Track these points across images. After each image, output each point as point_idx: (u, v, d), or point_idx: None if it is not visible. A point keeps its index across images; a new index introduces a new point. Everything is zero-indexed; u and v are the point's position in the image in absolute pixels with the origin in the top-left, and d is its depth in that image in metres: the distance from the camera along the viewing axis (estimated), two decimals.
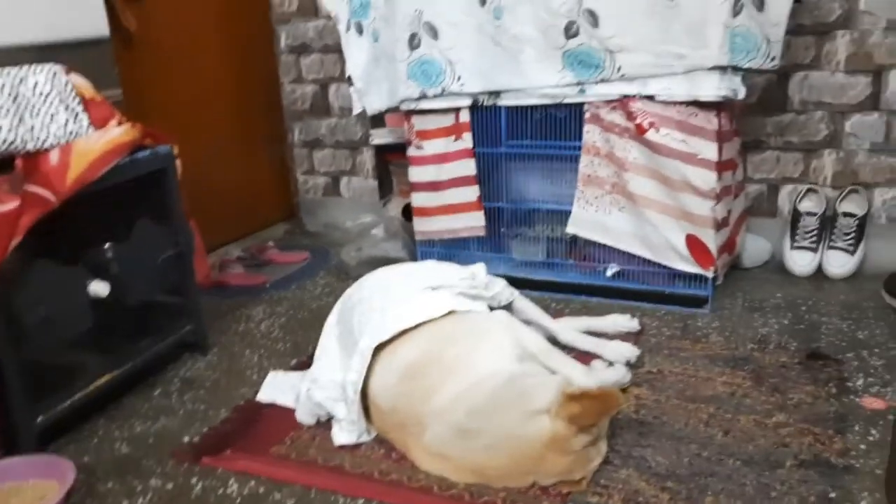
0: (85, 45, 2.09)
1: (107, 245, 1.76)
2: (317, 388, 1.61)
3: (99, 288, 1.67)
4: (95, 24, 2.13)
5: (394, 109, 2.35)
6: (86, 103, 1.77)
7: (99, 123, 1.76)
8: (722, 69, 1.84)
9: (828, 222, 2.33)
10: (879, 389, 1.66)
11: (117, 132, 1.72)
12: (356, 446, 1.54)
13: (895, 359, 1.79)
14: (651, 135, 1.96)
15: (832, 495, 1.31)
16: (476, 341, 1.52)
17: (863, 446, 1.46)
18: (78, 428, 1.68)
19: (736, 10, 1.80)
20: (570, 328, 1.89)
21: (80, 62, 1.91)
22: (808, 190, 2.36)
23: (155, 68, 2.55)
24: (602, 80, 1.99)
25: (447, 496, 1.37)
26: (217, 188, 2.78)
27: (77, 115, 1.73)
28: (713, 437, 1.51)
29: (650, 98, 1.95)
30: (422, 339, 1.51)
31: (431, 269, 1.78)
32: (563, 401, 1.34)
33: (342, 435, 1.55)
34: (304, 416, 1.63)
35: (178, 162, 1.88)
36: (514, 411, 1.37)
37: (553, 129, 2.16)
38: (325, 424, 1.62)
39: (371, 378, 1.51)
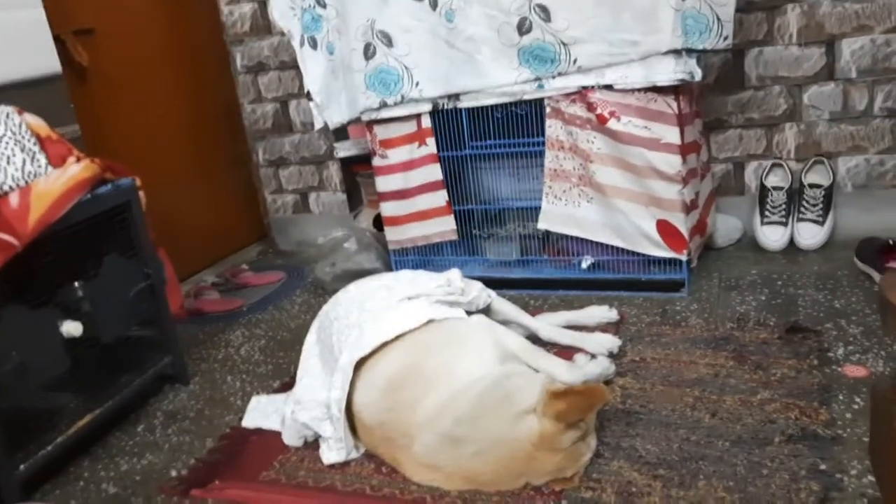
0: (37, 83, 2.06)
1: (76, 284, 1.73)
2: (301, 410, 1.60)
3: (71, 328, 1.64)
4: (46, 61, 2.10)
5: (355, 121, 2.34)
6: (42, 142, 1.74)
7: (57, 162, 1.73)
8: (676, 53, 1.85)
9: (795, 195, 2.35)
10: (860, 357, 1.68)
11: (76, 169, 1.69)
12: (346, 464, 1.52)
13: (873, 325, 1.81)
14: (613, 124, 1.97)
15: (822, 467, 1.32)
16: (456, 348, 1.51)
17: (848, 415, 1.47)
18: (63, 472, 1.65)
19: None
20: (550, 324, 1.89)
21: (33, 101, 1.88)
22: (774, 165, 2.38)
23: (111, 100, 2.52)
24: (559, 74, 2.00)
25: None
26: (185, 216, 2.75)
27: (34, 155, 1.71)
28: (700, 420, 1.51)
29: (608, 87, 1.96)
30: (402, 351, 1.50)
31: (406, 279, 1.77)
32: (548, 399, 1.34)
33: (331, 454, 1.53)
34: (291, 439, 1.61)
35: (141, 193, 1.85)
36: (501, 414, 1.37)
37: (515, 127, 2.16)
38: (312, 445, 1.60)
39: (354, 394, 1.50)
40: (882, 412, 0.67)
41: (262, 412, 1.75)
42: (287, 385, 1.86)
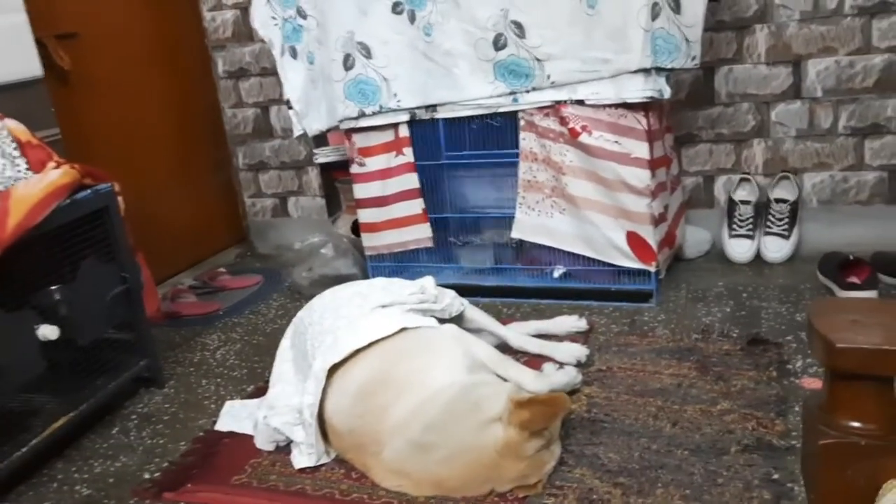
0: (18, 86, 2.07)
1: (53, 287, 1.75)
2: (274, 415, 1.63)
3: (48, 332, 1.66)
4: (28, 64, 2.11)
5: (334, 129, 2.37)
6: (22, 147, 1.76)
7: (37, 167, 1.76)
8: (646, 71, 1.91)
9: (762, 209, 2.42)
10: (818, 370, 1.73)
11: (56, 175, 1.71)
12: (316, 468, 1.56)
13: None
14: (584, 138, 2.02)
15: (775, 476, 1.37)
16: (427, 356, 1.55)
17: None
18: (37, 473, 1.67)
19: (654, 14, 1.86)
20: (521, 333, 1.94)
21: (14, 104, 1.89)
22: (742, 179, 2.45)
23: (93, 104, 2.54)
24: (533, 89, 2.05)
25: None
26: (164, 218, 2.77)
27: (14, 160, 1.73)
28: (662, 429, 1.56)
29: (580, 103, 2.01)
30: (374, 359, 1.54)
31: (380, 287, 1.81)
32: (513, 408, 1.38)
33: (302, 458, 1.56)
34: (263, 443, 1.65)
35: (119, 199, 1.87)
36: (468, 422, 1.41)
37: (491, 139, 2.21)
38: (284, 449, 1.63)
39: (326, 400, 1.54)
40: (810, 429, 0.72)
41: (235, 416, 1.78)
42: (261, 389, 1.88)
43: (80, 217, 1.76)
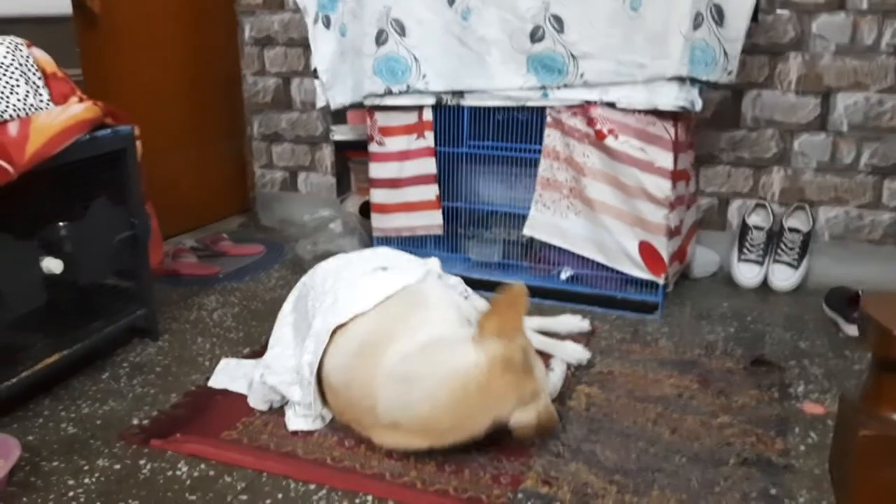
0: (47, 21, 2.05)
1: (62, 223, 1.72)
2: (270, 374, 1.60)
3: (52, 264, 1.63)
4: (59, 1, 2.09)
5: (357, 105, 2.35)
6: (47, 78, 1.74)
7: (59, 99, 1.74)
8: (681, 80, 1.90)
9: (774, 237, 2.41)
10: (819, 396, 1.73)
11: (78, 109, 1.69)
12: (309, 433, 1.53)
13: (834, 368, 1.86)
14: (610, 141, 2.02)
15: (773, 492, 1.36)
16: (423, 311, 1.54)
17: (802, 448, 1.51)
18: (22, 407, 1.64)
19: (696, 24, 1.86)
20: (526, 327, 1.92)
21: (41, 38, 1.87)
22: (757, 205, 2.45)
23: (116, 51, 2.51)
24: (565, 86, 2.04)
25: (399, 483, 1.38)
26: (172, 176, 2.74)
27: (38, 89, 1.71)
28: (660, 434, 1.55)
29: (611, 105, 2.00)
30: (374, 318, 1.52)
31: (385, 255, 1.80)
32: (481, 321, 1.40)
33: (297, 420, 1.54)
34: (257, 402, 1.62)
35: (139, 143, 1.85)
36: (443, 345, 1.42)
37: (514, 132, 2.20)
38: (277, 411, 1.61)
39: (325, 358, 1.51)
40: (848, 422, 0.70)
41: (229, 374, 1.75)
42: (257, 353, 1.86)
43: (98, 155, 1.74)
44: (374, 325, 1.50)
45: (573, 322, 2.01)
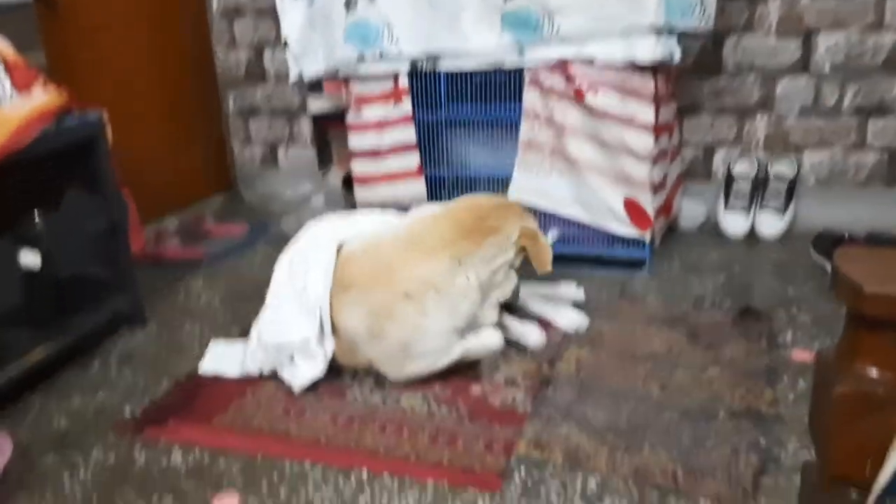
0: (6, 9, 1.99)
1: (37, 216, 1.69)
2: (268, 332, 1.64)
3: (29, 259, 1.61)
4: None
5: (331, 75, 2.31)
6: (8, 67, 1.70)
7: (22, 88, 1.69)
8: (658, 31, 1.86)
9: (760, 185, 2.40)
10: (807, 343, 1.73)
11: (43, 98, 1.65)
12: (301, 413, 1.53)
13: (822, 314, 1.86)
14: (590, 98, 1.98)
15: (763, 442, 1.37)
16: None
17: (791, 396, 1.52)
18: (12, 404, 1.63)
19: None
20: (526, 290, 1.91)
21: (0, 25, 1.82)
22: (742, 153, 2.42)
23: (80, 33, 2.45)
24: (541, 42, 2.00)
25: (393, 457, 1.38)
26: (149, 159, 2.70)
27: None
28: (650, 392, 1.55)
29: (589, 61, 1.97)
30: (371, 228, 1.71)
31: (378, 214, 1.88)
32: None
33: (303, 369, 1.59)
34: (252, 366, 1.64)
35: (108, 129, 1.81)
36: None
37: (493, 95, 2.16)
38: (268, 391, 1.61)
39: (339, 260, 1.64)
40: (824, 380, 0.70)
41: (219, 357, 1.74)
42: (247, 333, 1.85)
43: (67, 145, 1.70)
44: (374, 226, 1.69)
45: (570, 291, 1.99)
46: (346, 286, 1.59)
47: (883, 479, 0.63)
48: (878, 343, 0.67)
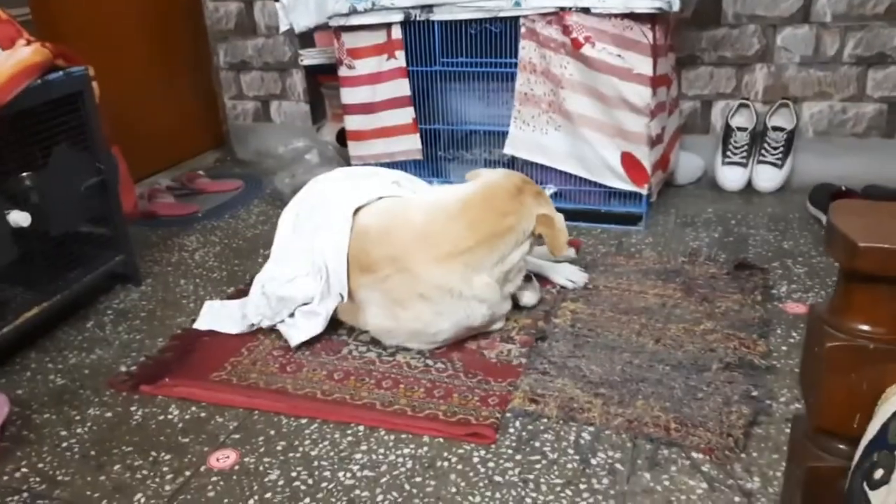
0: None
1: (24, 174, 1.67)
2: (273, 282, 1.65)
3: (19, 217, 1.59)
4: None
5: (323, 27, 2.26)
6: None
7: (5, 43, 1.65)
8: None
9: (758, 137, 2.38)
10: (801, 295, 1.74)
11: (26, 52, 1.61)
12: (298, 368, 1.54)
13: (817, 266, 1.87)
14: (587, 49, 1.95)
15: (754, 393, 1.38)
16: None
17: (784, 348, 1.53)
18: (8, 362, 1.63)
19: None
20: None
21: None
22: (740, 105, 2.40)
23: None
24: None
25: (389, 411, 1.39)
26: (140, 115, 2.66)
27: None
28: (644, 345, 1.56)
29: (586, 11, 1.93)
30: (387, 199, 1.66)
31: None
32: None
33: (302, 326, 1.60)
34: (253, 317, 1.66)
35: (94, 84, 1.78)
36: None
37: (489, 46, 2.12)
38: (265, 345, 1.61)
39: (356, 225, 1.61)
40: (816, 333, 0.70)
41: (215, 315, 1.74)
42: (241, 291, 1.85)
43: (52, 100, 1.67)
44: (391, 201, 1.65)
45: (574, 274, 1.86)
46: (363, 268, 1.56)
47: (871, 432, 0.63)
48: (871, 298, 0.66)
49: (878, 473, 0.59)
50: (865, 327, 0.66)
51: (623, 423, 1.33)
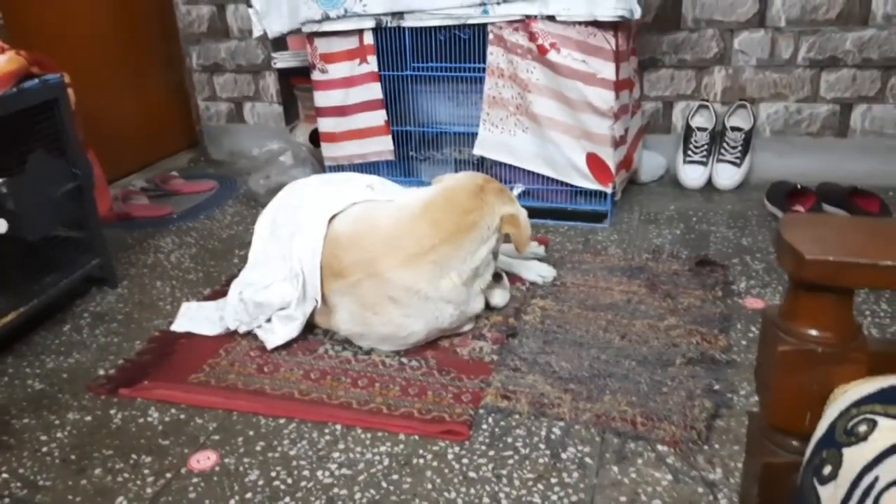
0: None
1: (1, 181, 1.68)
2: (250, 288, 1.68)
3: None
4: None
5: (295, 32, 2.29)
6: None
7: None
8: None
9: (717, 137, 2.46)
10: (760, 290, 1.82)
11: (1, 61, 1.63)
12: (276, 368, 1.58)
13: (774, 262, 1.95)
14: (552, 55, 2.01)
15: (716, 387, 1.45)
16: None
17: (744, 342, 1.61)
18: None
19: None
20: None
21: None
22: (700, 106, 2.48)
23: None
24: (504, 0, 2.01)
25: (365, 410, 1.44)
26: (114, 117, 2.67)
27: None
28: (611, 341, 1.63)
29: (551, 18, 1.99)
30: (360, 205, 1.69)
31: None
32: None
33: (279, 330, 1.64)
34: (231, 322, 1.69)
35: (70, 91, 1.79)
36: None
37: (458, 51, 2.17)
38: (242, 347, 1.65)
39: (330, 231, 1.64)
40: (769, 337, 0.76)
41: (192, 317, 1.77)
42: (218, 293, 1.88)
43: (28, 108, 1.69)
44: (363, 207, 1.67)
45: (544, 270, 1.93)
46: (335, 273, 1.59)
47: (820, 430, 0.68)
48: (819, 305, 0.71)
49: (827, 470, 0.63)
50: (814, 332, 0.72)
51: (592, 417, 1.39)
